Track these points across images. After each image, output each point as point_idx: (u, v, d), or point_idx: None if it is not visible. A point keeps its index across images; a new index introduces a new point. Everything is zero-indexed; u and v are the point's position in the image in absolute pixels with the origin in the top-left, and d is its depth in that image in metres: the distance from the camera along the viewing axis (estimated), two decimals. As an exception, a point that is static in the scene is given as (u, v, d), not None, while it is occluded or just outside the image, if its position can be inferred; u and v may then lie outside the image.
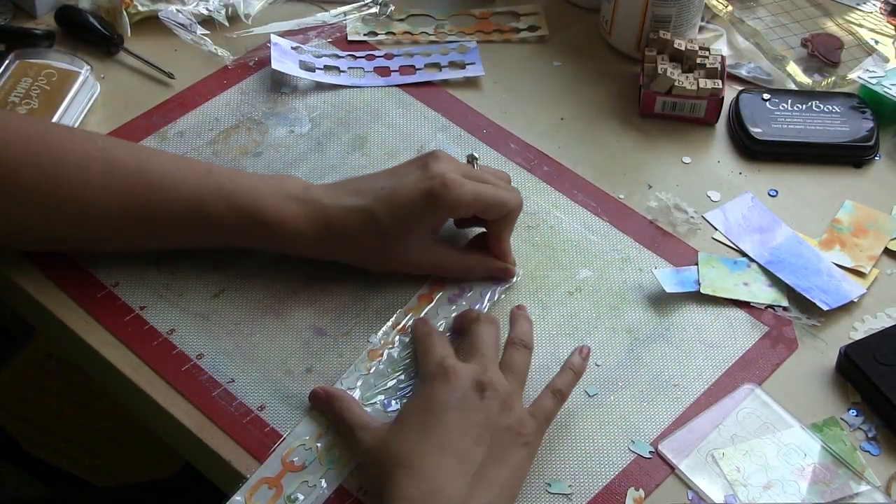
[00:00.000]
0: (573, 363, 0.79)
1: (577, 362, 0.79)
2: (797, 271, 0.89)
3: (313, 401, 0.79)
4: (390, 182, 0.83)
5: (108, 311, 0.84)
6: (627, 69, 1.05)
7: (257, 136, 0.98)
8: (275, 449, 0.77)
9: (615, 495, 0.76)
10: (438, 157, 0.83)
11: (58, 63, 0.99)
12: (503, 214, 0.84)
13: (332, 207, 0.82)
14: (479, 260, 0.87)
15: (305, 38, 1.07)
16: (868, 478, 0.77)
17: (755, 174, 0.98)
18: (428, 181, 0.81)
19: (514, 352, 0.80)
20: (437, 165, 0.82)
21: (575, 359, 0.80)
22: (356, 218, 0.82)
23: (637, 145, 1.00)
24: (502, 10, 1.12)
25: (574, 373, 0.79)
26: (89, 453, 1.21)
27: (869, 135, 0.99)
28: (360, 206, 0.82)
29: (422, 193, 0.81)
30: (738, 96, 1.02)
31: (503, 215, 0.84)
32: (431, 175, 0.81)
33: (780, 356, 0.85)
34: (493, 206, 0.83)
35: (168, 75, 1.02)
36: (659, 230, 0.93)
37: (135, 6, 1.05)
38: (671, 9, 1.02)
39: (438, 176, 0.81)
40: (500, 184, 0.85)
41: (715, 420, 0.80)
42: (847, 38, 1.10)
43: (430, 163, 0.82)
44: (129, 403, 0.84)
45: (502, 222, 0.85)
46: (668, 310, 0.87)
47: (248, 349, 0.83)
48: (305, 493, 0.75)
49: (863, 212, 0.95)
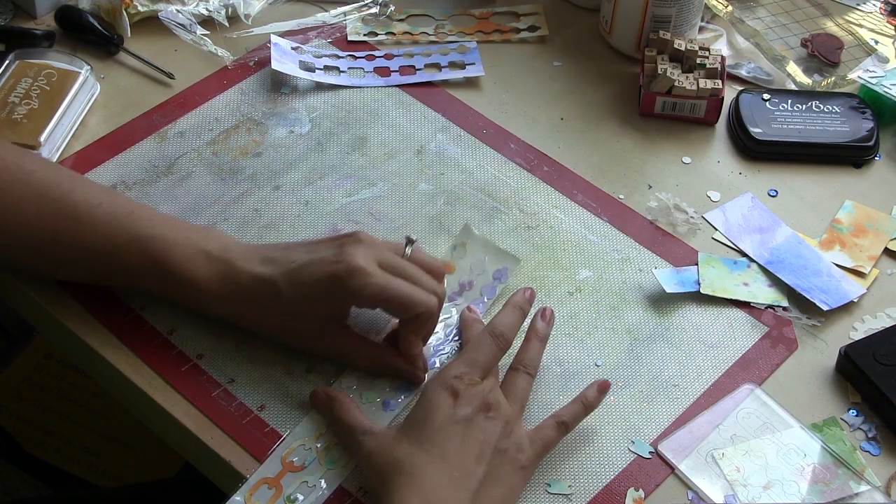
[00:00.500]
0: (587, 397, 0.78)
1: (590, 396, 0.78)
2: (797, 271, 0.89)
3: (314, 401, 0.79)
4: (304, 257, 0.79)
5: (107, 310, 0.84)
6: (627, 69, 1.05)
7: (257, 136, 0.98)
8: (274, 449, 0.77)
9: (615, 495, 0.76)
10: (358, 241, 0.78)
11: (58, 63, 0.99)
12: (412, 315, 0.79)
13: (240, 271, 0.80)
14: (387, 358, 0.81)
15: (305, 38, 1.07)
16: (868, 478, 0.77)
17: (755, 174, 0.98)
18: (334, 265, 0.77)
19: (518, 377, 0.78)
20: (352, 249, 0.77)
21: (590, 392, 0.78)
22: (260, 286, 0.79)
23: (637, 145, 1.00)
24: (502, 10, 1.12)
25: (584, 407, 0.78)
26: (89, 453, 1.22)
27: (869, 135, 0.99)
28: (265, 275, 0.79)
29: (326, 276, 0.77)
30: (738, 96, 1.02)
31: (412, 316, 0.79)
32: (340, 259, 0.77)
33: (780, 356, 0.85)
34: (399, 305, 0.78)
35: (168, 75, 1.02)
36: (659, 230, 0.93)
37: (135, 6, 1.05)
38: (671, 9, 1.02)
39: (346, 261, 0.77)
40: (423, 279, 0.79)
41: (715, 420, 0.80)
42: (847, 38, 1.10)
43: (346, 245, 0.78)
44: (129, 403, 0.84)
45: (411, 324, 0.79)
46: (668, 310, 0.87)
47: (248, 349, 0.83)
48: (305, 494, 0.75)
49: (863, 212, 0.95)
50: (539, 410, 0.80)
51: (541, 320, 0.81)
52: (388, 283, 0.77)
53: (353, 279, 0.76)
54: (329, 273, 0.77)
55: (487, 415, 0.74)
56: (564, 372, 0.83)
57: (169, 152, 0.96)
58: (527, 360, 0.79)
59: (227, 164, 0.95)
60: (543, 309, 0.82)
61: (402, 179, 0.95)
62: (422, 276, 0.80)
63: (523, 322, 0.82)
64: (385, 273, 0.78)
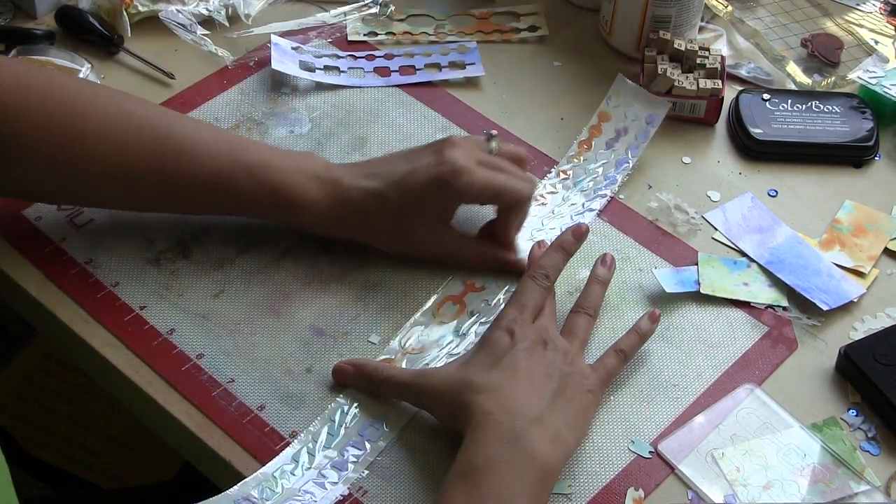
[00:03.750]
0: (640, 327, 0.82)
1: (644, 326, 0.83)
2: (797, 271, 0.89)
3: (341, 377, 0.80)
4: (405, 166, 0.84)
5: (108, 311, 0.84)
6: (627, 69, 1.05)
7: (257, 136, 0.98)
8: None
9: (615, 495, 0.76)
10: (454, 144, 0.84)
11: (59, 60, 0.99)
12: (513, 203, 0.85)
13: (349, 188, 0.84)
14: (491, 251, 0.88)
15: (305, 38, 1.07)
16: (868, 478, 0.77)
17: (755, 174, 0.98)
18: (438, 167, 0.83)
19: (578, 318, 0.83)
20: (451, 152, 0.83)
21: (643, 322, 0.83)
22: (370, 199, 0.84)
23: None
24: (502, 10, 1.12)
25: (639, 336, 0.82)
26: (89, 453, 1.21)
27: (869, 135, 0.99)
28: (374, 188, 0.84)
29: (432, 180, 0.83)
30: (738, 96, 1.02)
31: (513, 204, 0.85)
32: (443, 161, 0.83)
33: (780, 356, 0.85)
34: (503, 196, 0.85)
35: (168, 75, 1.02)
36: (659, 230, 0.93)
37: (135, 6, 1.05)
38: (671, 9, 1.02)
39: (449, 163, 0.82)
40: (515, 171, 0.86)
41: (715, 420, 0.80)
42: (847, 39, 1.10)
43: (444, 149, 0.83)
44: (129, 403, 0.84)
45: (511, 211, 0.86)
46: (668, 310, 0.87)
47: (248, 349, 0.83)
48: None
49: (863, 212, 0.95)
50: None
51: (601, 265, 0.86)
52: (490, 176, 0.84)
53: (459, 178, 0.82)
54: (434, 176, 0.83)
55: (546, 348, 0.78)
56: (564, 372, 0.83)
57: (169, 152, 0.96)
58: (586, 303, 0.84)
59: (227, 164, 0.95)
60: (605, 255, 0.86)
61: (402, 179, 0.95)
62: (514, 169, 0.87)
63: (567, 262, 0.85)
64: (484, 168, 0.84)
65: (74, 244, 0.88)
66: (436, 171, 0.83)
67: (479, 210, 0.90)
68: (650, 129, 0.97)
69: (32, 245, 0.88)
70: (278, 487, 0.75)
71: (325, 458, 0.77)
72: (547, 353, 0.78)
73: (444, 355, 0.83)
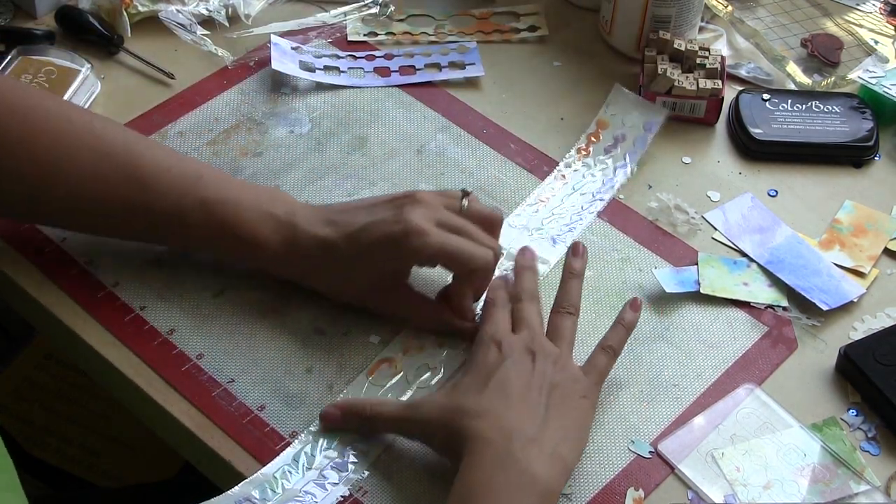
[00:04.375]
0: (624, 318, 0.81)
1: (627, 317, 0.81)
2: (797, 271, 0.89)
3: (329, 422, 0.78)
4: (364, 219, 0.81)
5: (108, 311, 0.84)
6: (627, 69, 1.05)
7: (257, 136, 0.98)
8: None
9: (615, 495, 0.76)
10: (416, 201, 0.81)
11: (59, 60, 0.99)
12: (469, 271, 0.81)
13: (303, 233, 0.82)
14: (444, 314, 0.84)
15: (305, 38, 1.07)
16: (868, 478, 0.77)
17: (755, 174, 0.98)
18: (393, 225, 0.79)
19: (561, 318, 0.81)
20: (410, 210, 0.80)
21: (626, 314, 0.81)
22: (320, 248, 0.81)
23: (637, 145, 1.00)
24: (502, 10, 1.12)
25: (625, 328, 0.81)
26: (89, 453, 1.21)
27: (869, 135, 0.99)
28: (327, 236, 0.81)
29: (385, 238, 0.79)
30: (738, 96, 1.02)
31: (469, 272, 0.82)
32: (399, 220, 0.79)
33: (780, 356, 0.85)
34: (457, 261, 0.81)
35: (168, 75, 1.02)
36: (659, 230, 0.93)
37: (135, 6, 1.05)
38: (671, 9, 1.02)
39: (405, 222, 0.79)
40: (479, 235, 0.82)
41: (715, 420, 0.80)
42: (847, 39, 1.10)
43: (405, 205, 0.80)
44: (129, 403, 0.84)
45: (466, 278, 0.82)
46: (668, 310, 0.87)
47: (248, 349, 0.83)
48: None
49: (862, 212, 0.95)
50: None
51: (573, 257, 0.84)
52: (446, 240, 0.80)
53: (412, 239, 0.79)
54: (388, 234, 0.79)
55: (535, 358, 0.76)
56: (564, 372, 0.83)
57: (169, 152, 0.96)
58: (566, 301, 0.82)
59: (227, 164, 0.95)
60: (576, 244, 0.85)
61: (402, 179, 0.95)
62: (478, 233, 0.82)
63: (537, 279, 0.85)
64: (442, 231, 0.80)
65: (74, 244, 0.88)
66: (389, 230, 0.79)
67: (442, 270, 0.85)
68: (648, 136, 0.98)
69: (32, 245, 0.88)
70: (279, 488, 0.75)
71: (325, 459, 0.77)
72: (536, 363, 0.76)
73: (443, 354, 0.83)
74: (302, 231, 0.82)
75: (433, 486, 0.75)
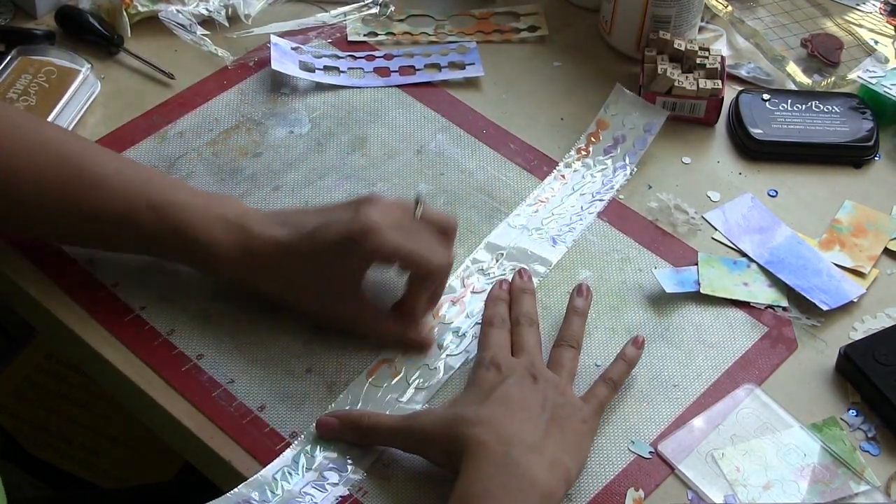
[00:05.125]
0: (626, 354, 0.82)
1: (630, 353, 0.82)
2: (797, 271, 0.89)
3: (325, 430, 0.78)
4: (319, 219, 0.80)
5: (108, 311, 0.84)
6: (627, 69, 1.05)
7: (257, 136, 0.98)
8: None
9: (615, 495, 0.76)
10: (372, 202, 0.80)
11: (59, 60, 0.99)
12: (423, 274, 0.81)
13: (258, 234, 0.81)
14: (397, 326, 0.83)
15: (305, 38, 1.07)
16: (868, 478, 0.77)
17: (755, 174, 0.98)
18: (350, 224, 0.78)
19: (562, 350, 0.81)
20: (368, 210, 0.79)
21: (628, 349, 0.82)
22: (276, 249, 0.80)
23: (637, 145, 1.00)
24: (502, 10, 1.12)
25: (626, 363, 0.81)
26: (90, 453, 1.21)
27: (869, 135, 0.99)
28: (283, 237, 0.80)
29: (342, 235, 0.78)
30: (738, 96, 1.02)
31: (423, 275, 0.81)
32: (356, 219, 0.78)
33: (780, 356, 0.85)
34: (412, 262, 0.80)
35: (168, 75, 1.02)
36: (658, 230, 0.93)
37: (135, 6, 1.05)
38: (671, 9, 1.02)
39: (362, 220, 0.78)
40: (433, 241, 0.81)
41: (714, 420, 0.80)
42: (847, 38, 1.10)
43: (361, 206, 0.79)
44: (129, 403, 0.84)
45: (421, 281, 0.81)
46: (668, 310, 0.87)
47: (248, 349, 0.83)
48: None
49: (862, 212, 0.95)
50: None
51: (577, 296, 0.85)
52: (403, 241, 0.79)
53: (369, 237, 0.78)
54: (345, 231, 0.78)
55: (536, 381, 0.77)
56: (564, 372, 0.83)
57: (169, 152, 0.96)
58: (568, 336, 0.82)
59: (226, 165, 0.95)
60: (580, 285, 0.85)
61: (402, 179, 0.95)
62: (432, 239, 0.81)
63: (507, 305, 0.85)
64: (399, 232, 0.79)
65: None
66: (346, 228, 0.78)
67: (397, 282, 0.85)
68: (648, 137, 0.98)
69: (32, 245, 0.88)
70: (279, 489, 0.75)
71: (325, 459, 0.77)
72: (538, 384, 0.76)
73: (444, 355, 0.83)
74: (256, 233, 0.81)
75: (433, 486, 0.75)
